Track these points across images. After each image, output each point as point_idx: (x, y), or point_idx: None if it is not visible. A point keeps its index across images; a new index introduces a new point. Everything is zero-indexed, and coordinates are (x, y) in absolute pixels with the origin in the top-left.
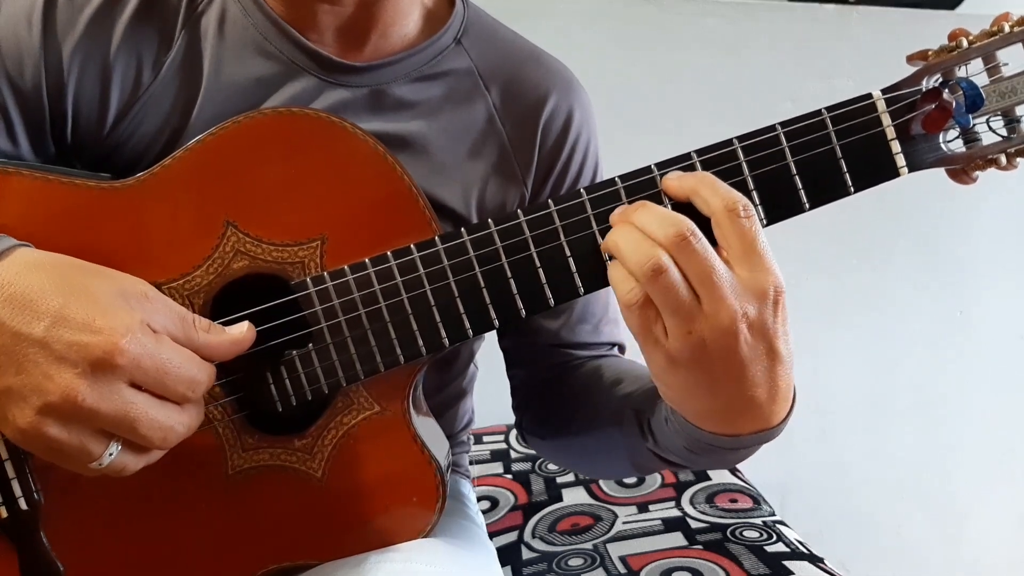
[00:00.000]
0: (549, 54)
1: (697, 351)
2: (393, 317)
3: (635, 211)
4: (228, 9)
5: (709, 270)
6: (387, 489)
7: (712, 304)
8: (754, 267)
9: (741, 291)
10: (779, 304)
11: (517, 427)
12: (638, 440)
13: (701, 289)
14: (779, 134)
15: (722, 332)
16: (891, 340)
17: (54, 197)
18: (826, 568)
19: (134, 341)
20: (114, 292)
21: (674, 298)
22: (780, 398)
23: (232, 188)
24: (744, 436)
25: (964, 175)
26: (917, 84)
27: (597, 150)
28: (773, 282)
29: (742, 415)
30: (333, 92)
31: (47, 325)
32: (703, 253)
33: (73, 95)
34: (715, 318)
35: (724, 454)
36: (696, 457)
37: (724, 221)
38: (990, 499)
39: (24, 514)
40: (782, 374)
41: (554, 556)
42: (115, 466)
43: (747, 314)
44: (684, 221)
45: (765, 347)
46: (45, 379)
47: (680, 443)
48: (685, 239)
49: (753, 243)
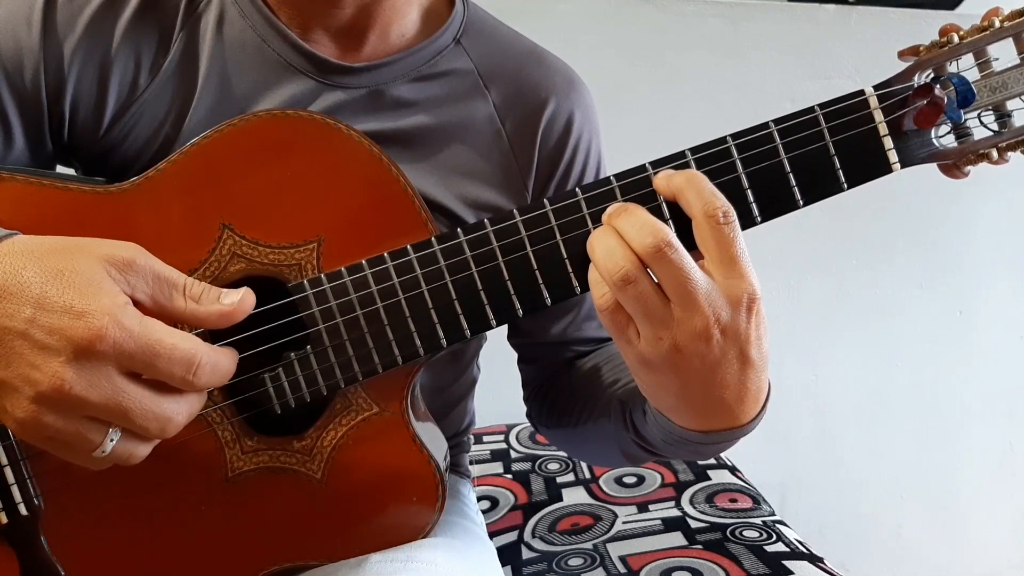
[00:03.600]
0: (551, 53)
1: (668, 355)
2: (391, 318)
3: (618, 216)
4: (227, 10)
5: (684, 279)
6: (387, 489)
7: (684, 312)
8: (730, 273)
9: (716, 297)
10: (752, 310)
11: (528, 417)
12: (623, 431)
13: (675, 298)
14: (772, 131)
15: (693, 338)
16: (891, 340)
17: (49, 202)
18: (826, 568)
19: (114, 325)
20: (97, 268)
21: (643, 307)
22: (750, 400)
23: (228, 191)
24: (713, 433)
25: (956, 170)
26: (909, 80)
27: (600, 149)
28: (747, 289)
29: (712, 414)
30: (331, 94)
31: (28, 315)
32: (678, 263)
33: (71, 95)
34: (688, 324)
35: (697, 447)
36: (673, 449)
37: (703, 226)
38: (990, 499)
39: (24, 519)
40: (752, 378)
41: (554, 556)
42: (119, 454)
43: (719, 320)
44: (662, 231)
45: (736, 352)
46: (32, 369)
47: (658, 435)
48: (660, 250)
49: (730, 249)
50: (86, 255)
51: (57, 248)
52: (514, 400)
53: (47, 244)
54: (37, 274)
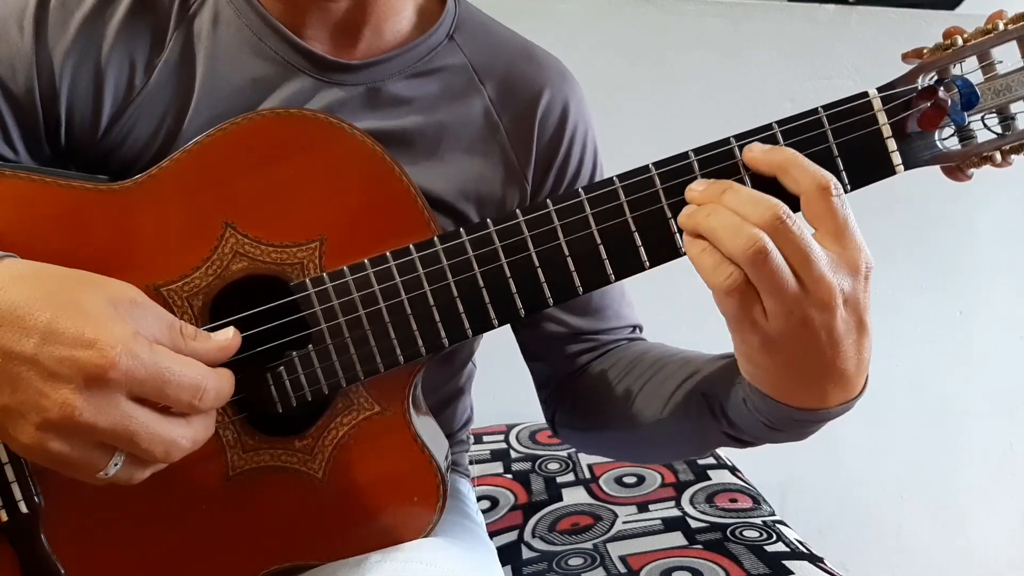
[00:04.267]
0: (541, 48)
1: (796, 330)
2: (393, 318)
3: (724, 192)
4: (221, 10)
5: (806, 250)
6: (388, 489)
7: (813, 283)
8: (847, 244)
9: (838, 267)
10: (868, 279)
11: (548, 421)
12: (708, 423)
13: (801, 269)
14: (776, 132)
15: (822, 309)
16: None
17: (51, 200)
18: (826, 568)
19: (126, 353)
20: (103, 302)
21: (777, 281)
22: (864, 368)
23: (230, 190)
24: (832, 408)
25: (959, 172)
26: (912, 82)
27: (595, 140)
28: (865, 258)
29: (832, 388)
30: (329, 91)
31: (37, 341)
32: (799, 234)
33: (66, 99)
34: (816, 296)
35: (807, 427)
36: (776, 433)
37: (816, 199)
38: (990, 499)
39: (24, 518)
40: (867, 346)
41: (554, 555)
42: (121, 477)
43: (843, 290)
44: (777, 203)
45: (856, 321)
46: (40, 396)
47: (759, 420)
48: (782, 221)
49: (845, 221)
50: (91, 289)
51: (63, 275)
52: (514, 400)
53: (51, 272)
54: (45, 300)
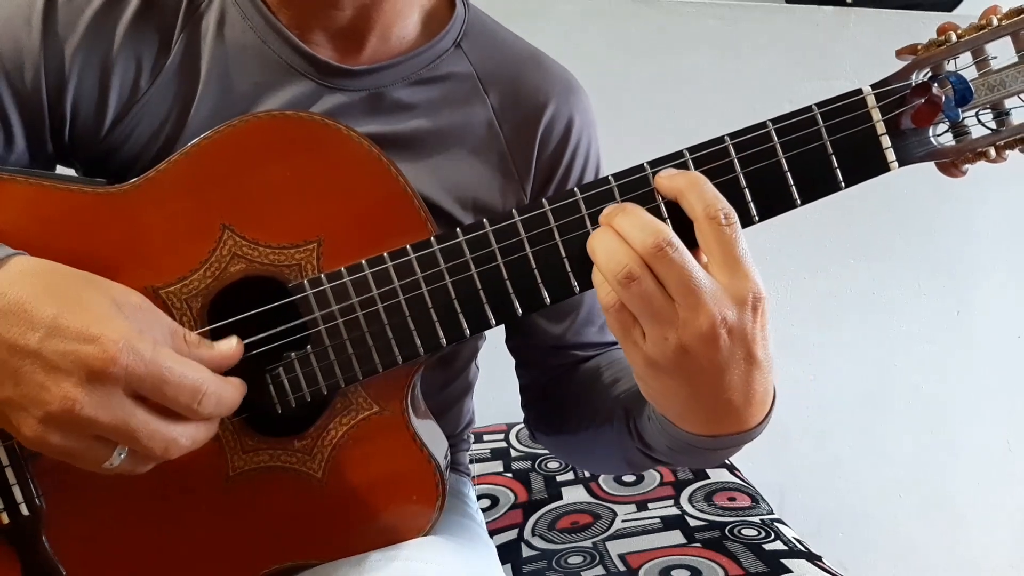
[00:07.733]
0: (550, 57)
1: (675, 356)
2: (391, 318)
3: (616, 215)
4: (227, 12)
5: (687, 278)
6: (387, 488)
7: (690, 311)
8: (734, 274)
9: (721, 297)
10: (758, 310)
11: (526, 423)
12: (627, 438)
13: (679, 297)
14: (770, 130)
15: (700, 338)
16: (889, 340)
17: (51, 203)
18: (824, 566)
19: (128, 349)
20: (107, 301)
21: (648, 306)
22: (757, 402)
23: (228, 191)
24: (722, 437)
25: (954, 168)
26: (906, 79)
27: (599, 154)
28: (752, 288)
29: (720, 418)
30: (331, 96)
31: (41, 336)
32: (680, 262)
33: (72, 96)
34: (694, 324)
35: (704, 454)
36: (678, 456)
37: (705, 227)
38: (989, 499)
39: (26, 519)
40: (759, 379)
41: (554, 554)
42: (124, 468)
43: (726, 319)
44: (662, 231)
45: (743, 353)
46: (42, 390)
47: (663, 442)
48: (661, 249)
49: (733, 250)
50: (97, 290)
51: (70, 274)
52: (514, 399)
53: (59, 270)
54: (51, 297)
